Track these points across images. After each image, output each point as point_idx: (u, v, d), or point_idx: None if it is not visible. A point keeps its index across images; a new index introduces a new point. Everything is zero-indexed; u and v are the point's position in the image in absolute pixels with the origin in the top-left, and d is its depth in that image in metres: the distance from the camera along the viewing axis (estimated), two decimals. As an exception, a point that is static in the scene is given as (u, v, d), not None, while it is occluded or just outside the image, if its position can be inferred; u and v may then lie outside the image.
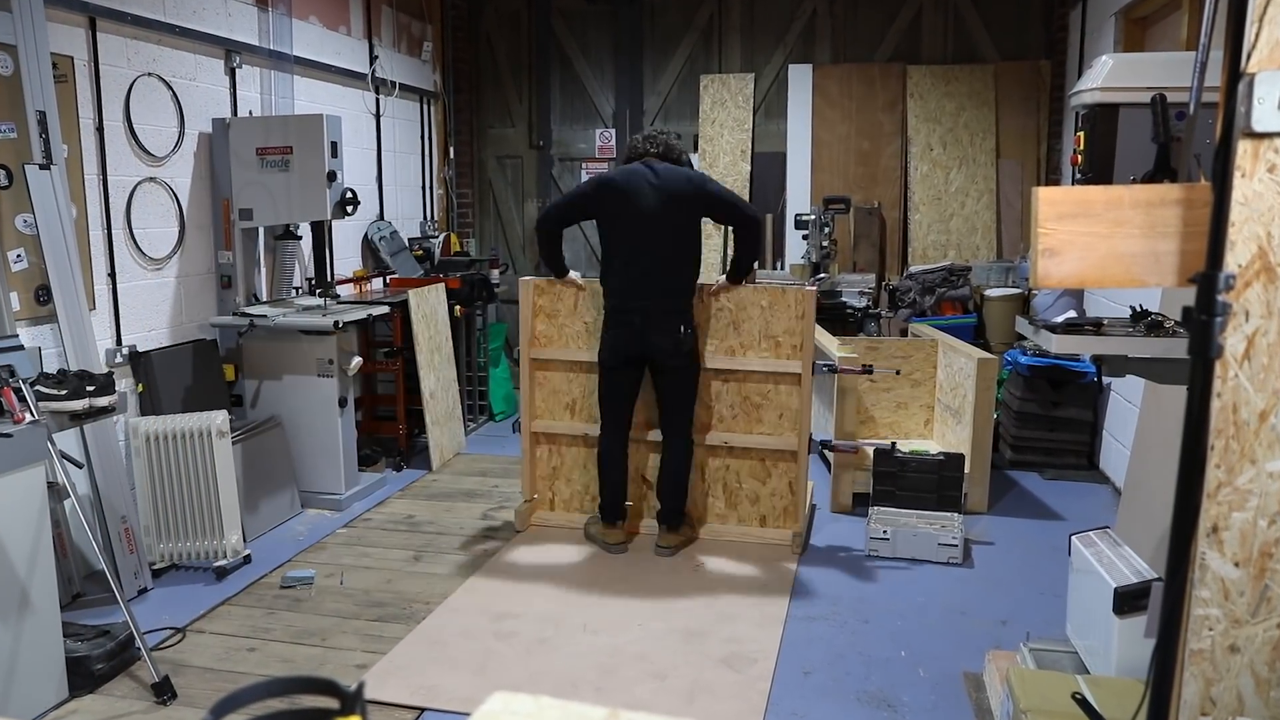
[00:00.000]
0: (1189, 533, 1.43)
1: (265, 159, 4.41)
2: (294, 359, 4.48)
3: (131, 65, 4.06)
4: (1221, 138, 1.43)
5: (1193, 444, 1.40)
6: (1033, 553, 4.00)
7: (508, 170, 7.41)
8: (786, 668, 3.06)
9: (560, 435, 4.36)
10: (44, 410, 2.87)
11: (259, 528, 4.22)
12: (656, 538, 4.03)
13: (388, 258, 6.05)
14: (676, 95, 7.03)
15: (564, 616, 3.41)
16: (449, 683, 2.96)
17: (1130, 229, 1.73)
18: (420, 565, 3.92)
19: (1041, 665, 2.70)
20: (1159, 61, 2.29)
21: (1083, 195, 1.76)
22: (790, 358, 4.05)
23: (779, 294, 4.04)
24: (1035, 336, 2.38)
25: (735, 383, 4.14)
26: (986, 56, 6.53)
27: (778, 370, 4.06)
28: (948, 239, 6.53)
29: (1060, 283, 1.78)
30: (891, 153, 6.61)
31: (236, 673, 3.03)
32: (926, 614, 3.45)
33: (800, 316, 4.02)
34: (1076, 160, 2.38)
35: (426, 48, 6.73)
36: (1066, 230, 1.75)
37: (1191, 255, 1.69)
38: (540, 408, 4.36)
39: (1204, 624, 1.76)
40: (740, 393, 4.14)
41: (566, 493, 4.42)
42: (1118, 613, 2.45)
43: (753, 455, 4.16)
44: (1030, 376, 5.01)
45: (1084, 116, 2.36)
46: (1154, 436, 3.22)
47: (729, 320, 4.09)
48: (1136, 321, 2.32)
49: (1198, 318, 1.35)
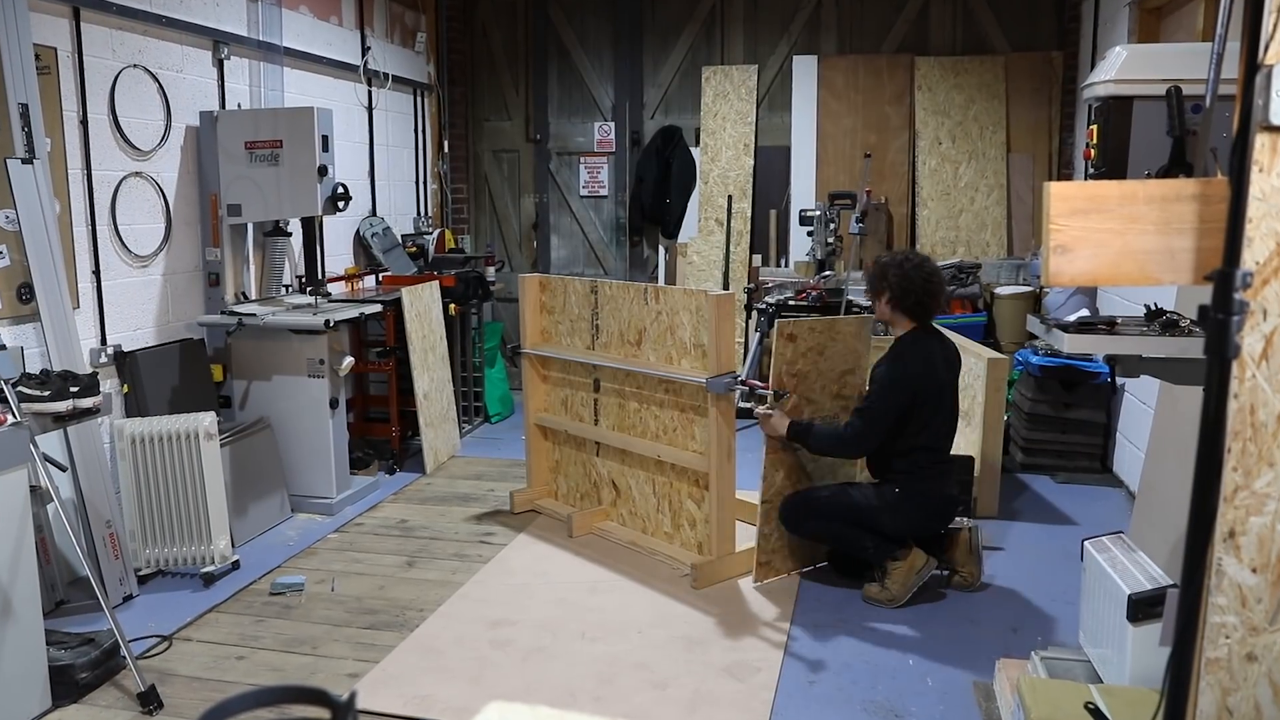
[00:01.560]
0: (1205, 538, 1.43)
1: (254, 153, 4.41)
2: (284, 359, 4.48)
3: (116, 56, 4.06)
4: (1239, 131, 1.43)
5: (1209, 447, 1.39)
6: (1044, 558, 4.00)
7: (504, 165, 7.42)
8: (790, 677, 3.06)
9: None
10: (26, 411, 2.87)
11: (248, 533, 4.22)
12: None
13: (380, 255, 6.05)
14: (677, 87, 7.03)
15: (561, 624, 3.41)
16: (444, 692, 2.96)
17: (1145, 225, 1.72)
18: (414, 571, 3.92)
19: (1053, 674, 2.70)
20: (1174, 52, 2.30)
21: (1096, 190, 1.76)
22: (695, 370, 3.79)
23: (702, 297, 3.75)
24: (1047, 336, 2.38)
25: (673, 394, 3.96)
26: (997, 48, 6.53)
27: (685, 380, 3.80)
28: (957, 235, 6.53)
29: (1072, 280, 1.78)
30: (899, 146, 6.61)
31: (224, 682, 3.03)
32: (934, 621, 3.45)
33: (711, 322, 3.68)
34: (1089, 154, 2.38)
35: (420, 38, 6.73)
36: (1079, 226, 1.75)
37: (1208, 252, 1.69)
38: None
39: (1220, 632, 1.76)
40: (677, 405, 3.95)
41: (564, 487, 4.50)
42: (1132, 620, 2.45)
43: (687, 475, 3.92)
44: (1042, 377, 5.01)
45: (1097, 109, 2.36)
46: (1169, 439, 3.22)
47: (666, 325, 3.93)
48: (1151, 320, 2.32)
49: (1214, 316, 1.35)
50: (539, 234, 7.40)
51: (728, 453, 3.74)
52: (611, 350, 4.22)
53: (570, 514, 4.30)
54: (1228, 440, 1.69)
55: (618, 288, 4.19)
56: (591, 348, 4.32)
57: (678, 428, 3.94)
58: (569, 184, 7.31)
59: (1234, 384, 1.69)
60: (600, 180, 7.24)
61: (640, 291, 4.07)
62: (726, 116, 6.85)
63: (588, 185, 7.27)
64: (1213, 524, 1.61)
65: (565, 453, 4.58)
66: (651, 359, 4.03)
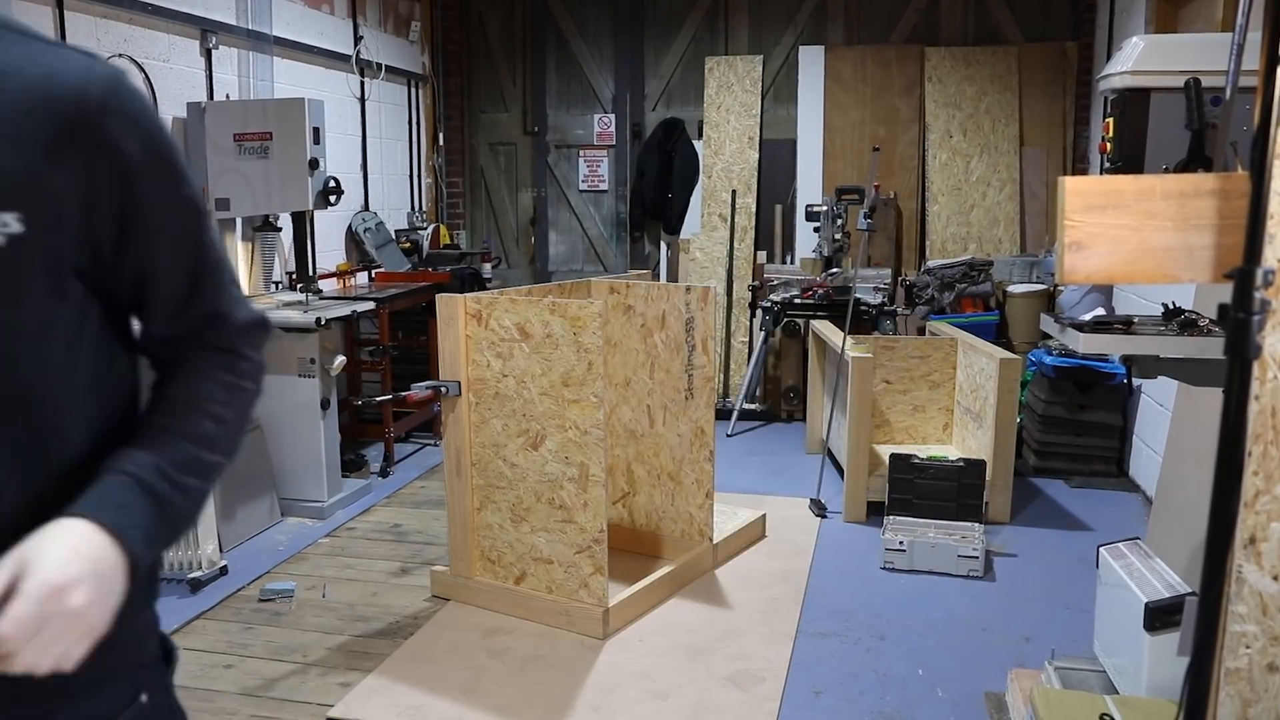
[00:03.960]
0: (1225, 544, 1.43)
1: (243, 146, 4.41)
2: (273, 358, 4.47)
3: (101, 46, 4.06)
4: (1259, 124, 1.43)
5: (1229, 450, 1.39)
6: (1058, 565, 4.00)
7: (500, 158, 7.42)
8: (796, 687, 3.06)
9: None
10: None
11: (236, 537, 4.23)
12: None
13: (373, 250, 6.06)
14: (680, 78, 7.03)
15: (559, 632, 3.41)
16: (438, 702, 2.96)
17: (1162, 221, 1.73)
18: (407, 577, 3.92)
19: (1067, 684, 2.70)
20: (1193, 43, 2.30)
21: (1112, 185, 1.76)
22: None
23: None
24: (1061, 335, 2.38)
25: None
26: (1009, 38, 6.53)
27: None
28: (968, 231, 6.53)
29: (1088, 278, 1.78)
30: (908, 140, 6.61)
31: (212, 691, 3.03)
32: (945, 630, 3.45)
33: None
34: (1105, 148, 2.39)
35: (414, 27, 6.74)
36: (1094, 222, 1.75)
37: (1228, 249, 1.69)
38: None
39: (1241, 641, 1.76)
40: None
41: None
42: (1149, 629, 2.45)
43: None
44: (1056, 378, 5.01)
45: (1113, 102, 2.36)
46: (1187, 442, 3.22)
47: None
48: (1169, 320, 2.32)
49: (1234, 315, 1.35)
50: (537, 230, 7.41)
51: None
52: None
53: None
54: (1248, 444, 1.69)
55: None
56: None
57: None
58: (568, 178, 7.31)
59: (1255, 385, 1.69)
60: (600, 174, 7.25)
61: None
62: (730, 109, 6.86)
63: (587, 179, 7.27)
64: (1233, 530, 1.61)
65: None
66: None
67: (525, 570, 3.51)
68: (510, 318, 3.39)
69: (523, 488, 3.46)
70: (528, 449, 3.43)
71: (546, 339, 3.32)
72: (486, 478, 3.54)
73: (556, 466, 3.38)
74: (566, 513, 3.39)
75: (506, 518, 3.52)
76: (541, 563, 3.47)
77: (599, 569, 3.35)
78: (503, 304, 3.40)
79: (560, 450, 3.36)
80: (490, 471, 3.53)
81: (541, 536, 3.45)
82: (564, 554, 3.41)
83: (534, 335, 3.34)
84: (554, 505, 3.41)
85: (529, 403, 3.39)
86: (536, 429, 3.40)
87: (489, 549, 3.59)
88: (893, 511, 4.15)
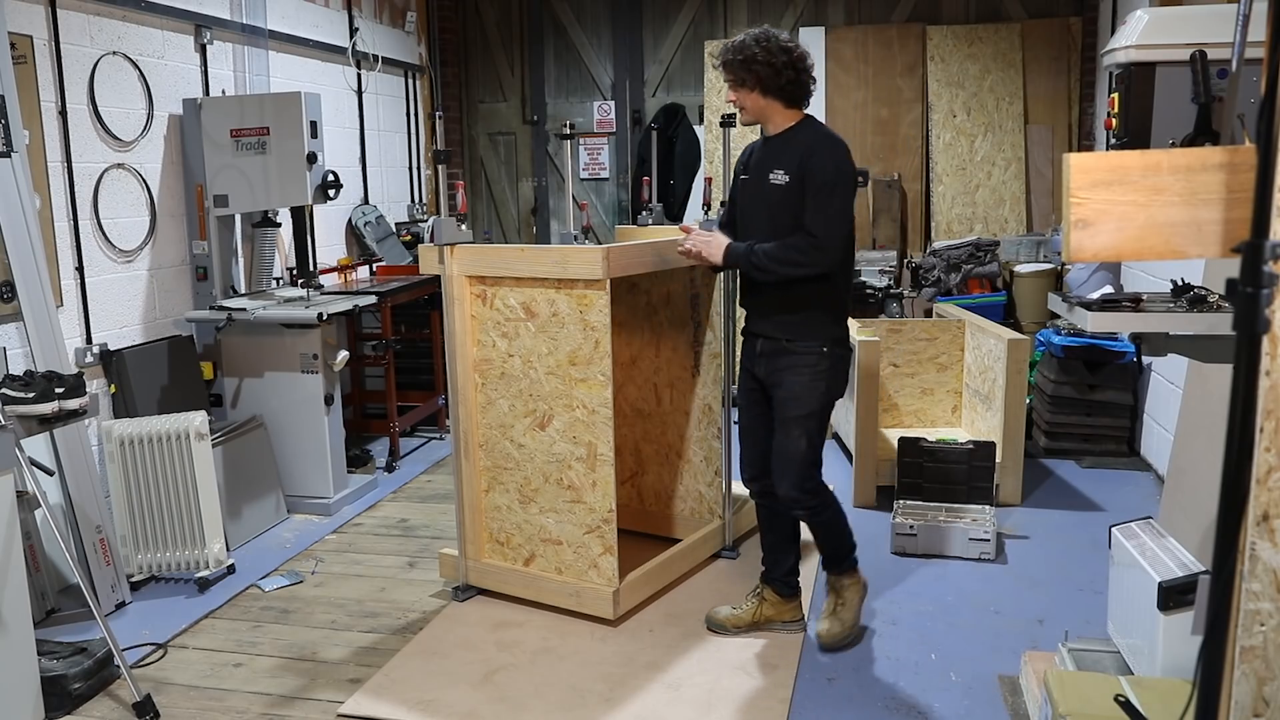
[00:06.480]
0: (1237, 522, 1.42)
1: (240, 141, 4.41)
2: (276, 355, 4.49)
3: (95, 44, 4.06)
4: (1266, 96, 1.42)
5: (1240, 427, 1.39)
6: (1070, 546, 4.00)
7: (500, 147, 7.41)
8: (808, 674, 3.07)
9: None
10: (10, 414, 2.88)
11: (243, 535, 4.24)
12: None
13: (374, 244, 6.06)
14: (679, 63, 7.01)
15: (569, 623, 3.42)
16: (449, 696, 2.97)
17: (1169, 196, 1.72)
18: (415, 572, 3.93)
19: (1081, 666, 2.70)
20: (1198, 15, 2.28)
21: (1118, 161, 1.76)
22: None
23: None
24: (1069, 314, 2.37)
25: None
26: (1012, 14, 6.50)
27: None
28: (974, 212, 6.51)
29: (1095, 256, 1.78)
30: (912, 120, 6.59)
31: (222, 690, 3.05)
32: (957, 614, 3.46)
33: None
34: (1111, 124, 2.37)
35: (410, 18, 6.72)
36: (1101, 199, 1.74)
37: (1236, 223, 1.69)
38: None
39: (1255, 619, 1.76)
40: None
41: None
42: (1162, 609, 2.45)
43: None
44: (1065, 358, 5.00)
45: (1118, 77, 2.34)
46: (1199, 419, 3.21)
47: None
48: (1178, 296, 2.31)
49: (1243, 290, 1.35)
50: (538, 219, 7.40)
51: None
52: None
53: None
54: (1259, 420, 1.69)
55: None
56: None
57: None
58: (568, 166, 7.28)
59: (1265, 360, 1.68)
60: (600, 162, 7.23)
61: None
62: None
63: (588, 167, 7.26)
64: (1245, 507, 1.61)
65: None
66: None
67: (534, 552, 3.52)
68: (515, 297, 3.38)
69: (530, 468, 3.47)
70: (535, 429, 3.44)
71: (552, 318, 3.31)
72: (494, 459, 3.55)
73: (564, 446, 3.38)
74: (575, 493, 3.39)
75: (515, 499, 3.53)
76: (551, 544, 3.48)
77: (608, 549, 3.35)
78: (508, 283, 3.39)
79: (568, 430, 3.36)
80: (498, 452, 3.53)
81: (550, 517, 3.46)
82: (573, 534, 3.42)
83: (540, 314, 3.34)
84: (562, 485, 3.41)
85: (536, 382, 3.39)
86: (544, 409, 3.40)
87: (497, 531, 3.60)
88: (902, 495, 4.15)
